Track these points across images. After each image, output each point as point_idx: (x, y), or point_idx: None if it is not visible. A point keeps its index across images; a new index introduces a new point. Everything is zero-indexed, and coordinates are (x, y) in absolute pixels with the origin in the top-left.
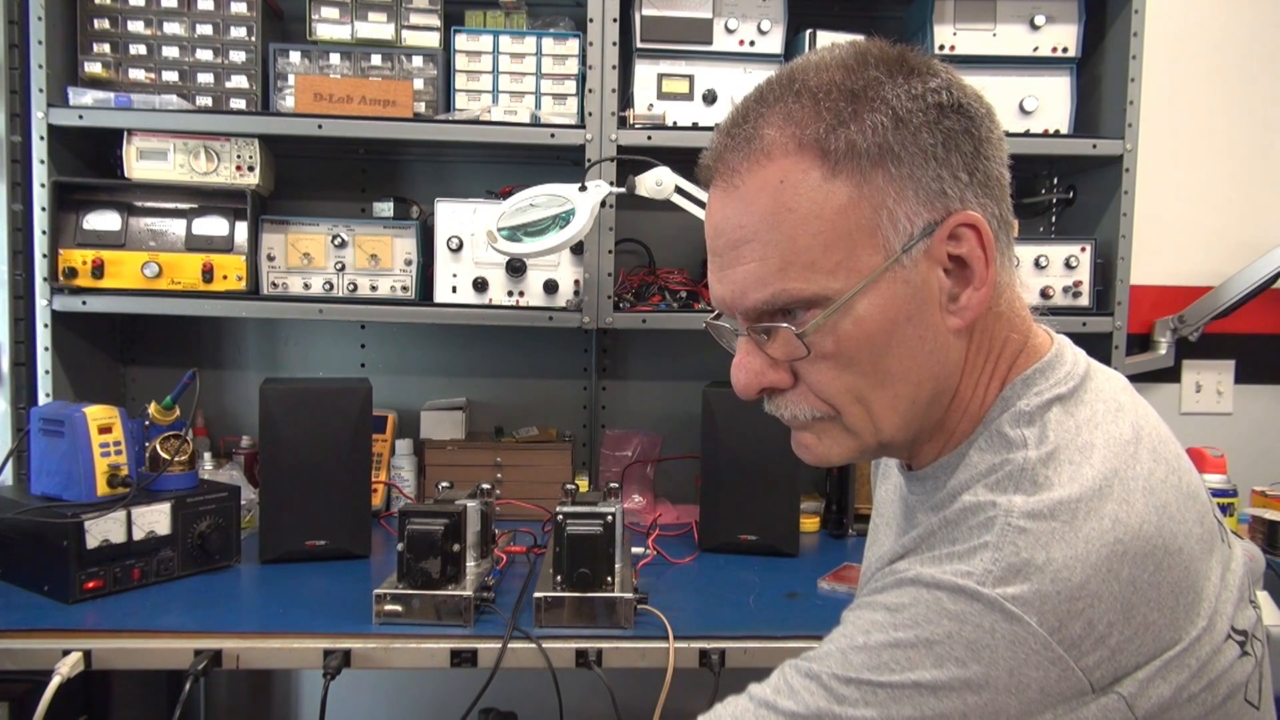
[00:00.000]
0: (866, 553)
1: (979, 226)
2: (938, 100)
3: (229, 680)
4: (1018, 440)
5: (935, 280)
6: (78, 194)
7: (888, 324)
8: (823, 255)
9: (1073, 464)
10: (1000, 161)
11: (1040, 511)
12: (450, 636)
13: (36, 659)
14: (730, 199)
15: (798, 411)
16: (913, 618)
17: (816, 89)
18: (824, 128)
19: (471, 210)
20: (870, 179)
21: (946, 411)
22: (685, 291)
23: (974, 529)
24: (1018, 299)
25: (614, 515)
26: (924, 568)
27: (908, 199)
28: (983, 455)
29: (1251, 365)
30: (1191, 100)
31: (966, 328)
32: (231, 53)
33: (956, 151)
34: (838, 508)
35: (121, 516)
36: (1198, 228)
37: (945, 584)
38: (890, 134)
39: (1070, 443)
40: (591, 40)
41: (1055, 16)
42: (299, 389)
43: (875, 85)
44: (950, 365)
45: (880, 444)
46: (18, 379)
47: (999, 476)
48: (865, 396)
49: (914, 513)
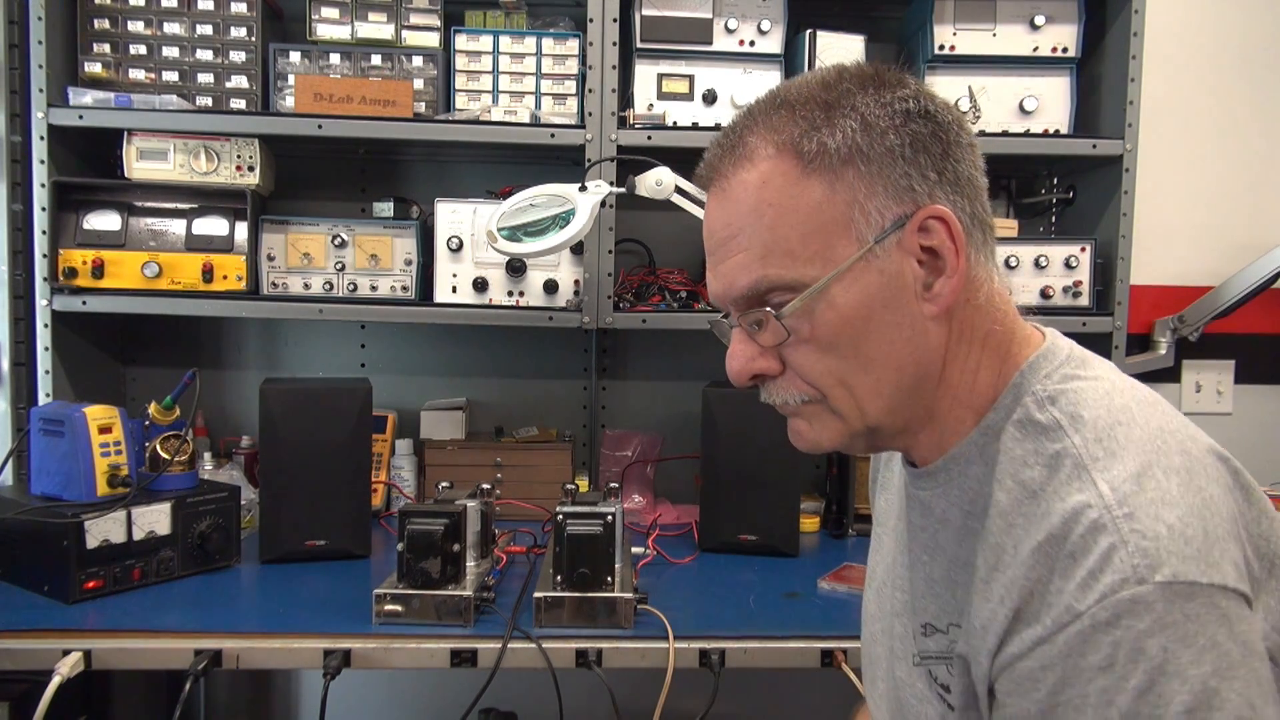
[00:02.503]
0: (871, 559)
1: (947, 219)
2: (905, 108)
3: (229, 680)
4: (1051, 423)
5: (909, 270)
6: (78, 194)
7: (864, 309)
8: (801, 245)
9: (1124, 426)
10: (972, 164)
11: (1130, 491)
12: (450, 636)
13: (36, 659)
14: (721, 201)
15: (788, 397)
16: (1123, 659)
17: (794, 102)
18: (799, 132)
19: (471, 210)
20: (842, 177)
21: (935, 399)
22: (685, 291)
23: (1086, 538)
24: (998, 294)
25: (614, 515)
26: (1080, 604)
27: (878, 195)
28: (1019, 444)
29: (1251, 365)
30: (1191, 100)
31: (943, 314)
32: (231, 53)
33: (924, 153)
34: (838, 508)
35: (121, 516)
36: (1198, 228)
37: (1120, 607)
38: (859, 136)
39: (1108, 412)
40: (591, 40)
41: (1055, 16)
42: (299, 389)
43: (847, 96)
44: (930, 351)
45: (868, 428)
46: (18, 379)
47: (1066, 474)
48: (847, 380)
49: (930, 509)
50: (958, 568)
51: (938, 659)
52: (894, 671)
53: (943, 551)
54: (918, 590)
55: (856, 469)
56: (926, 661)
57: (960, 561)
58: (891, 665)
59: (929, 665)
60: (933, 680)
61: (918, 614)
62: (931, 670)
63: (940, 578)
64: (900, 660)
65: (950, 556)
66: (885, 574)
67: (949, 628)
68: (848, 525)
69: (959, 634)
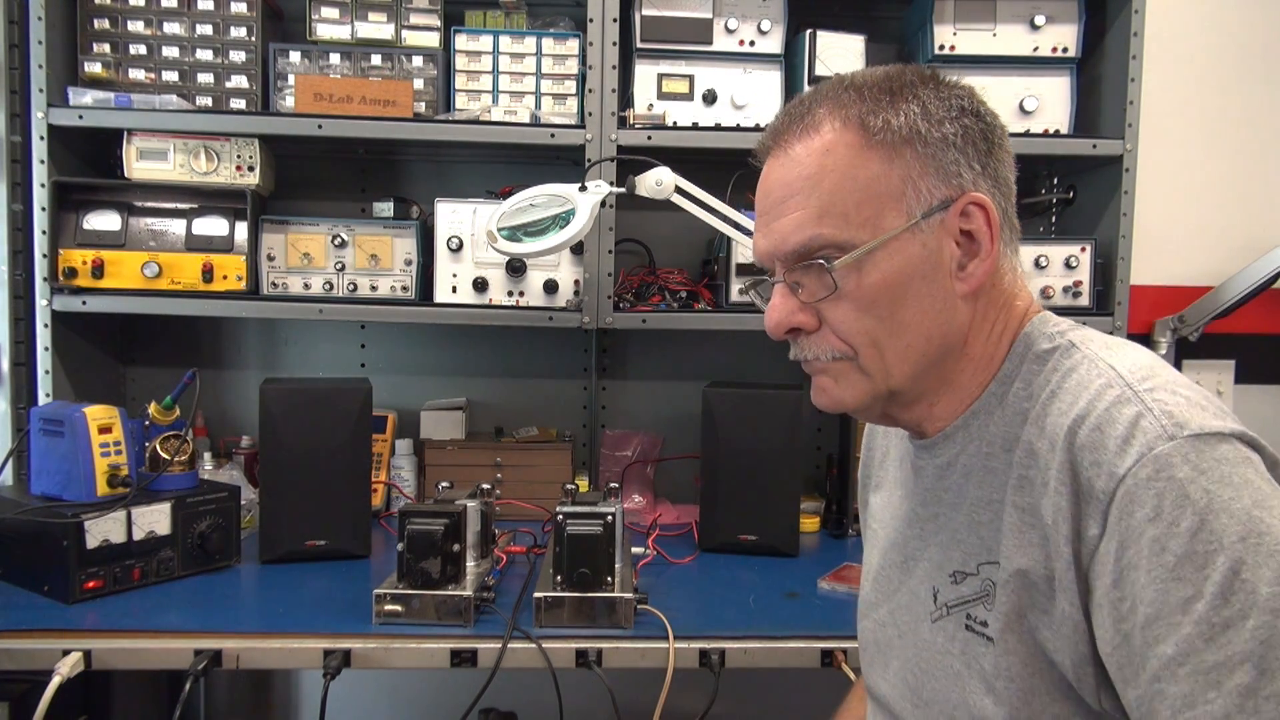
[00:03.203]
0: (866, 556)
1: (987, 207)
2: (960, 104)
3: (229, 680)
4: (1063, 345)
5: (947, 249)
6: (78, 194)
7: (904, 278)
8: (855, 210)
9: (1131, 346)
10: (1009, 167)
11: (1146, 373)
12: (450, 636)
13: (36, 659)
14: (783, 163)
15: (820, 352)
16: (1169, 507)
17: (862, 85)
18: (865, 110)
19: (471, 210)
20: (900, 154)
21: (956, 370)
22: (685, 291)
23: (1111, 410)
24: (1020, 285)
25: (614, 515)
26: (1120, 468)
27: (929, 175)
28: (1035, 374)
29: (1251, 365)
30: (1191, 100)
31: (972, 294)
32: (231, 53)
33: (972, 146)
34: (838, 508)
35: (121, 516)
36: (1198, 228)
37: (1158, 462)
38: (919, 121)
39: (1112, 339)
40: (591, 40)
41: (1055, 16)
42: (299, 389)
43: (910, 87)
44: (956, 326)
45: (890, 390)
46: (18, 379)
47: (1084, 370)
48: (880, 341)
49: (950, 468)
50: (980, 507)
51: (975, 600)
52: (916, 638)
53: (963, 499)
54: (941, 546)
55: (856, 469)
56: (962, 606)
57: (982, 501)
58: (909, 638)
59: (966, 609)
60: (967, 624)
61: (942, 568)
62: (969, 613)
63: (964, 523)
64: (921, 622)
65: (971, 500)
66: (889, 559)
67: (979, 567)
68: (848, 525)
69: (991, 569)
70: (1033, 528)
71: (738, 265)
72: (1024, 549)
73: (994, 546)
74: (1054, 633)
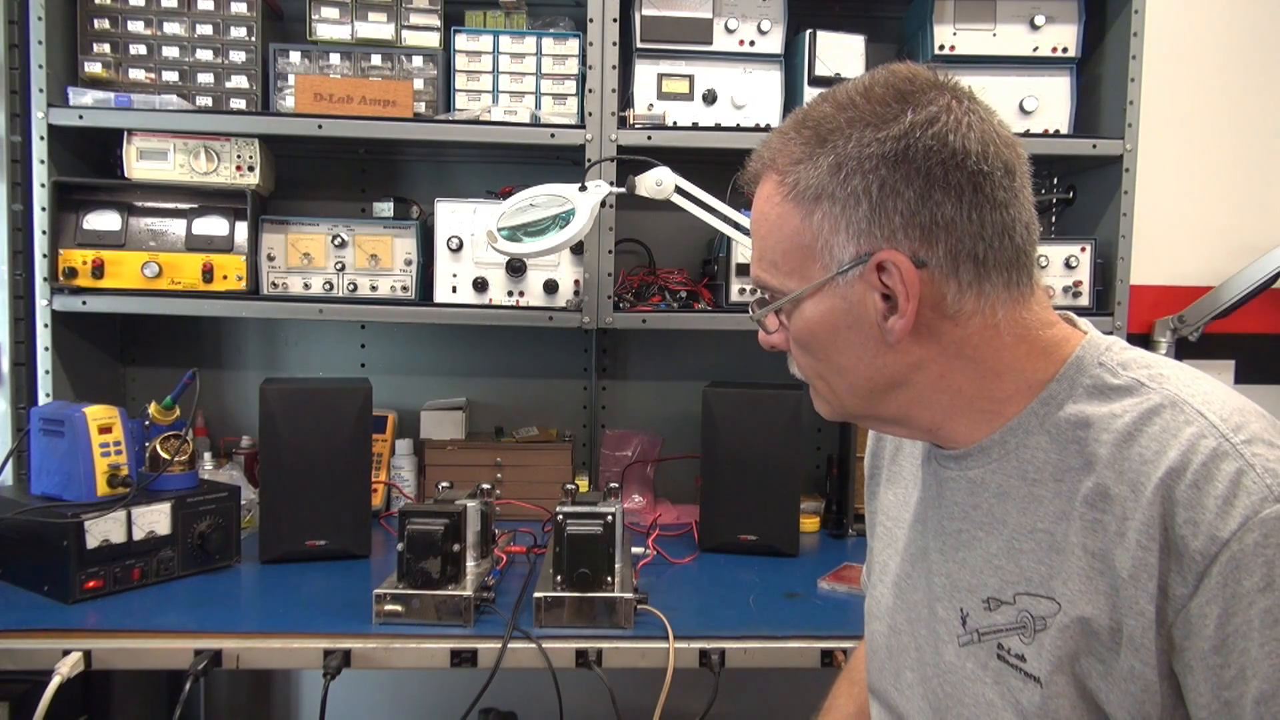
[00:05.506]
0: (881, 554)
1: (899, 265)
2: (882, 150)
3: (229, 680)
4: (1132, 383)
5: (871, 301)
6: (78, 194)
7: (830, 325)
8: (783, 260)
9: (1204, 379)
10: (966, 204)
11: (1239, 421)
12: (450, 636)
13: (36, 659)
14: (754, 200)
15: (796, 371)
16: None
17: (804, 124)
18: (789, 163)
19: (471, 210)
20: (812, 212)
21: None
22: (685, 291)
23: (1209, 466)
24: (1008, 320)
25: (614, 515)
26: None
27: (840, 232)
28: (1101, 405)
29: (1251, 365)
30: (1191, 100)
31: (904, 342)
32: (231, 53)
33: (893, 197)
34: (838, 508)
35: (121, 516)
36: (1198, 228)
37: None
38: (826, 177)
39: (1182, 369)
40: (591, 40)
41: (1055, 16)
42: (299, 389)
43: (838, 132)
44: (898, 368)
45: (850, 414)
46: (18, 379)
47: (1168, 415)
48: (824, 376)
49: (983, 486)
50: (1021, 535)
51: (1010, 630)
52: (938, 657)
53: (1002, 524)
54: (972, 568)
55: (856, 469)
56: (994, 635)
57: (1024, 529)
58: (928, 653)
59: (998, 638)
60: (999, 654)
61: (973, 591)
62: (1001, 643)
63: (1001, 549)
64: (946, 644)
65: (1013, 527)
66: (908, 565)
67: (1015, 597)
68: (848, 525)
69: (1031, 602)
70: (1101, 575)
71: (738, 265)
72: (1090, 596)
73: (1035, 578)
74: (1109, 684)
